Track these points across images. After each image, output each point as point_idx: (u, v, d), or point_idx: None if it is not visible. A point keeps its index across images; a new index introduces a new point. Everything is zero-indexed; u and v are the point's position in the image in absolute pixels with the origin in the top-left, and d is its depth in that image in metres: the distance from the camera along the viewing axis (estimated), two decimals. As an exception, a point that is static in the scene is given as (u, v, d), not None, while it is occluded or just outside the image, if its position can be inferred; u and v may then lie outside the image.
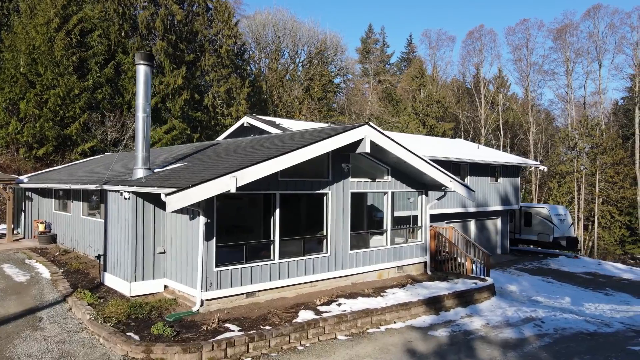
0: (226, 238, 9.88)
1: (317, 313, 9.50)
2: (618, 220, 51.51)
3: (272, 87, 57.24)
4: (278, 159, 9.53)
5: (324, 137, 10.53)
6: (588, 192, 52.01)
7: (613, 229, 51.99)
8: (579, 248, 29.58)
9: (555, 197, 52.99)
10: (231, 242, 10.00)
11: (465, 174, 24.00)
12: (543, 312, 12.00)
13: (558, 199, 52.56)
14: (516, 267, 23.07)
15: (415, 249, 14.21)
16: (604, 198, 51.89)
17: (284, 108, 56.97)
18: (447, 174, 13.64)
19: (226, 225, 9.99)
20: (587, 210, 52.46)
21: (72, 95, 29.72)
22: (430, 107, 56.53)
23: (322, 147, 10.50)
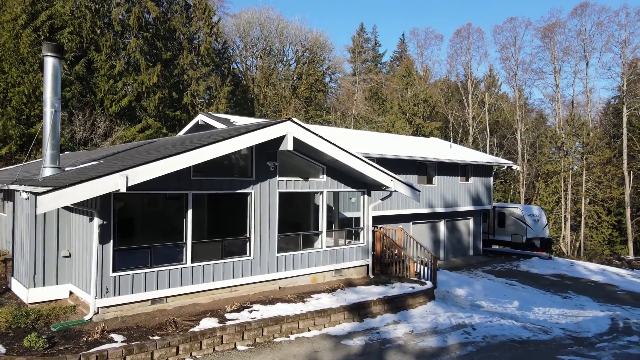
0: (128, 241, 9.31)
1: (221, 321, 8.91)
2: (605, 221, 50.96)
3: (258, 86, 56.71)
4: (180, 157, 8.93)
5: (239, 134, 9.94)
6: (575, 192, 51.46)
7: (600, 229, 51.45)
8: (553, 249, 28.97)
9: (542, 197, 52.47)
10: (134, 245, 9.42)
11: (433, 173, 23.41)
12: (480, 318, 11.41)
13: (545, 199, 52.05)
14: (484, 269, 22.49)
15: (356, 251, 13.62)
16: (590, 198, 51.34)
17: (269, 107, 56.41)
18: (387, 173, 13.05)
19: (130, 227, 9.41)
20: (574, 210, 51.91)
21: (37, 93, 29.12)
22: (417, 106, 56.00)
23: (237, 144, 9.91)
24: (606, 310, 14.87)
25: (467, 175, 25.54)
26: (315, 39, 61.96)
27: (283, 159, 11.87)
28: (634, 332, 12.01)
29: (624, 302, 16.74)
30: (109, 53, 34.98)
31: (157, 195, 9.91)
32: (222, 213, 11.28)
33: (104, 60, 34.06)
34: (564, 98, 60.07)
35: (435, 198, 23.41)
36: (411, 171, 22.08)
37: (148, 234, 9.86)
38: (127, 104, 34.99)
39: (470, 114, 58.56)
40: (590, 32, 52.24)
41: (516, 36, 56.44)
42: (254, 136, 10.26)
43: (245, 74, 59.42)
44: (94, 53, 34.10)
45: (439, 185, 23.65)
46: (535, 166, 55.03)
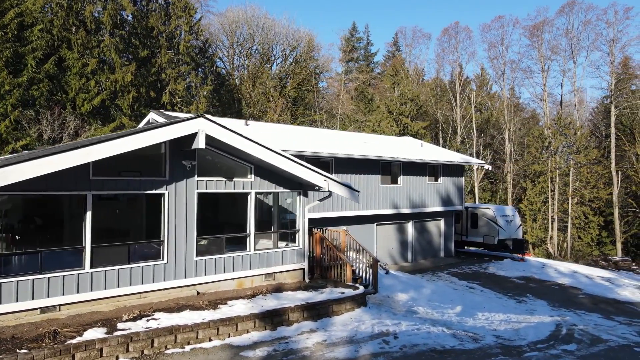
0: (12, 245, 8.72)
1: (110, 331, 8.33)
2: (592, 221, 50.33)
3: (244, 86, 56.15)
4: (62, 156, 8.34)
5: (141, 131, 9.37)
6: (562, 192, 50.84)
7: (588, 230, 50.82)
8: (526, 250, 28.36)
9: (529, 197, 51.85)
10: (19, 250, 8.84)
11: (398, 173, 22.82)
12: (408, 325, 10.81)
13: (532, 199, 51.43)
14: (450, 272, 21.90)
15: (290, 254, 13.04)
16: (578, 198, 50.71)
17: (255, 107, 55.84)
18: (320, 173, 12.47)
19: (17, 231, 8.84)
20: (562, 210, 51.28)
21: (2, 91, 28.58)
22: (404, 106, 55.37)
23: (138, 142, 9.32)
24: (556, 315, 14.27)
25: (436, 175, 24.95)
26: (303, 38, 61.44)
27: (205, 158, 11.30)
28: (574, 339, 11.41)
29: (581, 306, 16.14)
30: (82, 51, 34.40)
31: (52, 196, 9.32)
32: (132, 215, 10.71)
33: (76, 58, 33.51)
34: (553, 97, 59.47)
35: (400, 199, 22.82)
36: (374, 171, 21.51)
37: (40, 238, 9.27)
38: (100, 102, 34.40)
39: (458, 113, 57.93)
40: (578, 30, 51.63)
41: (504, 35, 55.88)
42: (161, 133, 9.68)
43: (232, 73, 58.89)
44: (65, 51, 33.55)
45: (405, 185, 23.06)
46: (522, 166, 54.42)
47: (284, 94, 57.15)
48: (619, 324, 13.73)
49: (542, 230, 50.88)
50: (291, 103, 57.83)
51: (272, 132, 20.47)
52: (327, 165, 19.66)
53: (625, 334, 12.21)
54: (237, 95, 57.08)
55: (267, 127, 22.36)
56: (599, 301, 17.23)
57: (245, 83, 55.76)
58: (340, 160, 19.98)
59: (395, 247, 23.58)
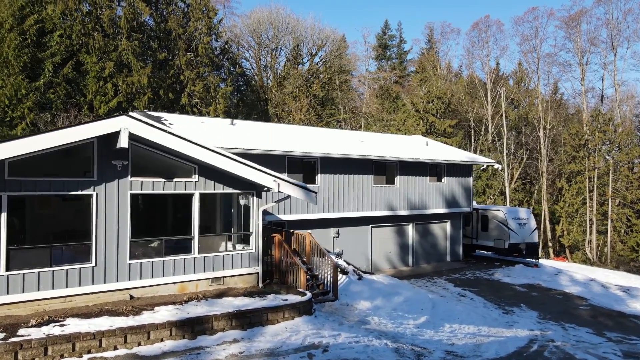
0: None
1: (8, 337, 8.05)
2: (636, 224, 46.73)
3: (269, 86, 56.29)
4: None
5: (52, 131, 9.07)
6: (601, 193, 47.57)
7: (631, 234, 47.28)
8: (540, 255, 26.45)
9: (565, 199, 48.90)
10: None
11: (395, 173, 21.77)
12: (348, 337, 9.98)
13: (568, 200, 48.43)
14: (449, 277, 20.68)
15: (242, 258, 12.46)
16: (619, 200, 47.29)
17: (280, 107, 55.80)
18: (269, 173, 11.82)
19: None
20: (601, 213, 48.00)
21: (19, 95, 29.70)
22: (431, 103, 53.65)
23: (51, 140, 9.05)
24: (538, 329, 12.93)
25: (439, 176, 23.66)
26: (328, 37, 60.87)
27: (141, 157, 10.92)
28: (541, 358, 10.19)
29: (574, 319, 14.62)
30: (100, 55, 35.30)
31: (-37, 197, 9.20)
32: (60, 217, 10.47)
33: (94, 62, 34.41)
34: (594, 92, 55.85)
35: (397, 200, 21.76)
36: (366, 171, 20.59)
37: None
38: (117, 104, 35.15)
39: (489, 110, 55.55)
40: (618, 20, 48.08)
41: (537, 27, 52.96)
42: (78, 132, 9.37)
43: (258, 74, 59.12)
44: (84, 55, 34.55)
45: (402, 186, 21.97)
46: (557, 165, 51.34)
47: (310, 93, 56.75)
48: (608, 341, 12.25)
49: (580, 233, 47.76)
50: (316, 103, 57.35)
51: (258, 131, 19.98)
52: (312, 166, 18.98)
53: (607, 354, 10.82)
54: (262, 96, 57.21)
55: (254, 126, 21.91)
56: (600, 314, 15.58)
57: (271, 83, 55.81)
58: (327, 160, 19.22)
59: (394, 251, 22.53)
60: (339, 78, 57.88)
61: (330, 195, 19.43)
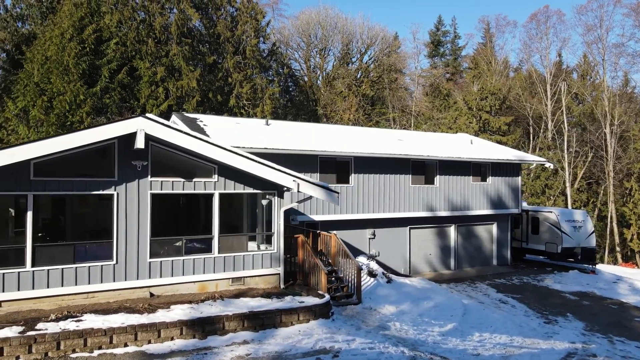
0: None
1: (25, 331, 8.41)
2: None
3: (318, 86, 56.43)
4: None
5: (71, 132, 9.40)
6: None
7: None
8: (596, 261, 24.48)
9: (635, 200, 45.32)
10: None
11: (434, 173, 20.95)
12: (362, 342, 9.60)
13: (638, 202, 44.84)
14: (493, 282, 19.66)
15: (264, 258, 12.38)
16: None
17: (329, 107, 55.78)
18: (288, 173, 11.66)
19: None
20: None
21: (78, 100, 31.53)
22: (485, 100, 51.58)
23: (68, 142, 9.39)
24: (580, 341, 11.88)
25: (483, 175, 22.53)
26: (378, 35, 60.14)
27: (161, 158, 11.11)
28: (576, 375, 9.33)
29: (626, 332, 13.31)
30: (152, 60, 36.80)
31: (-9, 196, 9.73)
32: (83, 216, 10.85)
33: (147, 67, 35.94)
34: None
35: (437, 200, 20.93)
36: (403, 171, 19.96)
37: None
38: (167, 107, 36.48)
39: (548, 106, 52.56)
40: (696, 3, 43.76)
41: (603, 16, 49.34)
42: (95, 134, 9.66)
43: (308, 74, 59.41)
44: (138, 61, 36.19)
45: (443, 186, 21.10)
46: (626, 164, 47.59)
47: (359, 92, 56.25)
48: (660, 358, 11.03)
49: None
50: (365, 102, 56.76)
51: (292, 132, 19.90)
52: (345, 166, 18.64)
53: (655, 373, 9.72)
54: (311, 96, 57.38)
55: (289, 126, 21.86)
56: (658, 327, 14.11)
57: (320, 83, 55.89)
58: (362, 160, 18.81)
59: (434, 253, 21.71)
60: (389, 76, 56.97)
61: (365, 196, 19.00)
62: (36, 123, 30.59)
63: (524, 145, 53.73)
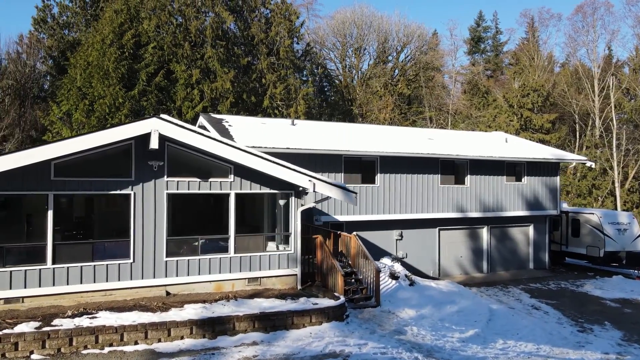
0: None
1: (41, 326, 8.66)
2: None
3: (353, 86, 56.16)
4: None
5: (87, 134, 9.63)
6: None
7: None
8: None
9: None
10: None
11: (465, 173, 20.28)
12: (374, 347, 9.31)
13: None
14: (528, 287, 18.84)
15: (281, 259, 12.30)
16: None
17: (364, 106, 55.41)
18: (304, 173, 11.51)
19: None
20: None
21: (117, 103, 32.66)
22: (527, 97, 49.73)
23: (83, 143, 9.62)
24: (615, 352, 11.10)
25: (518, 175, 21.62)
26: (414, 33, 59.14)
27: (177, 158, 11.23)
28: (604, 389, 8.70)
29: (669, 344, 12.35)
30: (188, 63, 37.62)
31: (15, 196, 10.08)
32: (101, 215, 11.09)
33: (183, 70, 36.82)
34: None
35: (468, 201, 20.26)
36: (432, 171, 19.44)
37: (5, 234, 10.04)
38: (202, 109, 37.19)
39: (596, 102, 50.06)
40: None
41: (655, 5, 46.34)
42: (110, 135, 9.85)
43: (344, 73, 59.21)
44: (174, 64, 37.12)
45: (474, 186, 20.40)
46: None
47: (395, 91, 55.51)
48: None
49: None
50: (402, 101, 55.94)
51: (318, 131, 19.75)
52: (371, 166, 18.33)
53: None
54: (346, 96, 57.12)
55: (315, 125, 21.71)
56: None
57: (356, 83, 55.57)
58: (388, 159, 18.44)
59: (465, 255, 21.01)
60: (425, 75, 55.88)
61: (391, 196, 18.62)
62: (78, 126, 31.88)
63: (570, 143, 51.39)
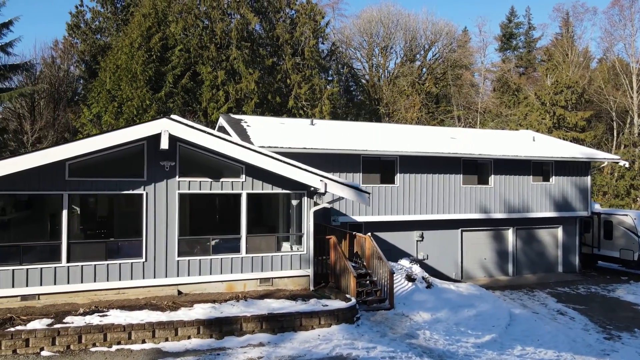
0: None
1: (53, 323, 8.85)
2: None
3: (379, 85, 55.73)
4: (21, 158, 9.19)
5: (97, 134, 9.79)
6: None
7: None
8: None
9: None
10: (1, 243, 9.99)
11: (488, 172, 19.71)
12: (383, 350, 9.10)
13: None
14: (554, 291, 18.16)
15: (293, 260, 12.20)
16: None
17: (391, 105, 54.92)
18: (315, 173, 11.39)
19: (1, 226, 10.03)
20: None
21: (144, 105, 33.36)
22: (560, 94, 48.10)
23: (94, 144, 9.78)
24: (642, 363, 10.50)
25: (546, 175, 20.87)
26: (442, 31, 58.20)
27: (188, 158, 11.30)
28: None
29: None
30: (213, 65, 38.08)
31: (31, 196, 10.34)
32: (114, 214, 11.26)
33: (208, 71, 37.31)
34: None
35: (492, 202, 19.68)
36: (453, 170, 18.98)
37: (22, 233, 10.33)
38: (227, 110, 37.60)
39: (634, 99, 47.98)
40: None
41: (699, -5, 44.04)
42: (120, 135, 9.99)
43: (370, 73, 58.83)
44: (200, 66, 37.67)
45: (498, 186, 19.80)
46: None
47: (422, 90, 54.74)
48: None
49: None
50: (429, 100, 55.12)
51: (337, 131, 19.58)
52: (390, 165, 18.04)
53: None
54: (373, 95, 56.74)
55: (334, 125, 21.53)
56: None
57: (382, 82, 55.10)
58: (408, 159, 18.11)
59: (489, 257, 20.43)
60: (453, 73, 54.85)
61: (411, 196, 18.27)
62: (108, 127, 32.69)
63: (607, 142, 49.47)
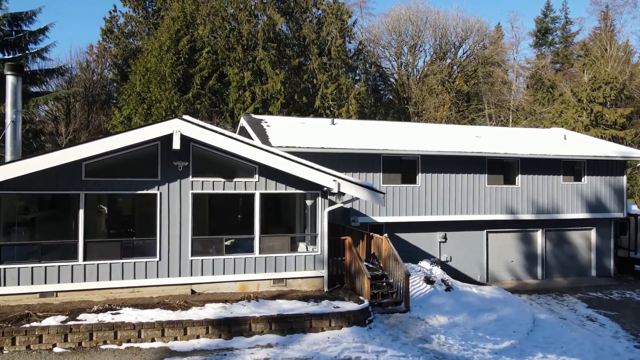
0: (16, 237, 10.19)
1: (67, 320, 9.03)
2: None
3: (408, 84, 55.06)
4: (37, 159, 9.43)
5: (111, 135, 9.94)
6: None
7: None
8: None
9: None
10: (21, 242, 10.28)
11: (515, 172, 19.07)
12: (394, 355, 8.86)
13: None
14: (585, 296, 17.42)
15: (307, 260, 12.08)
16: None
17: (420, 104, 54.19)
18: (328, 172, 11.24)
19: (22, 225, 10.32)
20: None
21: (172, 107, 34.00)
22: (597, 91, 46.29)
23: (107, 145, 9.95)
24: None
25: (577, 174, 20.02)
26: (473, 27, 56.96)
27: (201, 158, 11.35)
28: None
29: None
30: (240, 66, 38.46)
31: (49, 195, 10.60)
32: (129, 214, 11.42)
33: (235, 73, 37.70)
34: None
35: (519, 202, 19.04)
36: (478, 170, 18.46)
37: (40, 232, 10.60)
38: (254, 110, 37.89)
39: (677, 94, 45.65)
40: None
41: None
42: (132, 136, 10.12)
43: (399, 72, 58.19)
44: (227, 68, 38.10)
45: (526, 186, 19.13)
46: None
47: (452, 89, 53.73)
48: None
49: None
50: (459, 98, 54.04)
51: (358, 130, 19.34)
52: (412, 165, 17.69)
53: None
54: (401, 94, 56.12)
55: (356, 124, 21.26)
56: None
57: (411, 81, 54.39)
58: (430, 159, 17.72)
59: (516, 260, 19.76)
60: (485, 70, 53.55)
61: (434, 197, 17.88)
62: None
63: (648, 140, 47.23)
